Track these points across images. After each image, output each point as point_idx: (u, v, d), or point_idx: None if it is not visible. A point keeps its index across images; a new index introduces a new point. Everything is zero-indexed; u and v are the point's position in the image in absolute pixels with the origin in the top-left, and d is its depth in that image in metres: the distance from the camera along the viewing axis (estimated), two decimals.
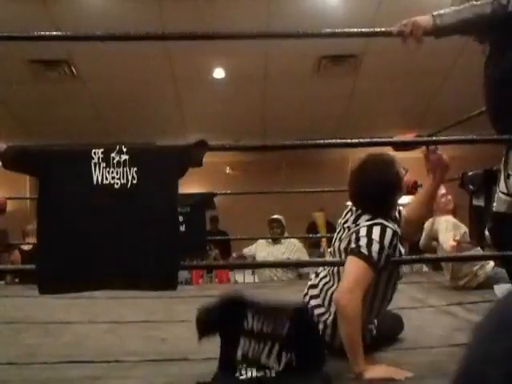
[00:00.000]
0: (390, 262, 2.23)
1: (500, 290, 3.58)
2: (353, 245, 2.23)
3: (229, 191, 7.29)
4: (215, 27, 6.04)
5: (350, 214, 2.43)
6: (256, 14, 6.43)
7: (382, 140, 2.82)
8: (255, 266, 5.49)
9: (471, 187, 3.70)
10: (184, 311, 3.46)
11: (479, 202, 3.61)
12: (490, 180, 3.55)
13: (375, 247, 2.18)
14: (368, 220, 2.30)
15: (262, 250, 5.82)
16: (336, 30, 2.78)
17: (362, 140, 2.75)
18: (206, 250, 5.90)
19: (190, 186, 8.11)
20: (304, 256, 5.70)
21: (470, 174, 3.77)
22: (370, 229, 2.24)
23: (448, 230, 4.34)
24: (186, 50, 7.00)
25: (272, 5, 6.49)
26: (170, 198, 1.95)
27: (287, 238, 5.84)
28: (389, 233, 2.23)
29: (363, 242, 2.20)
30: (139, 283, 1.92)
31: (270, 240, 5.85)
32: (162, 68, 7.78)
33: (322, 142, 2.73)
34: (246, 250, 6.08)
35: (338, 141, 2.83)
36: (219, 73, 8.30)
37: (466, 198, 3.70)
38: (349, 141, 2.78)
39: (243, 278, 7.02)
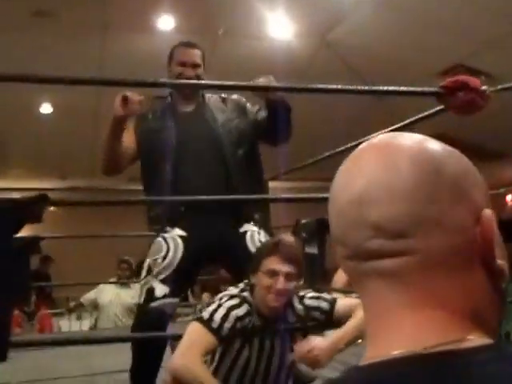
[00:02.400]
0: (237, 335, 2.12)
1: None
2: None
3: (54, 232, 6.86)
4: (41, 60, 5.80)
5: None
6: (89, 50, 6.24)
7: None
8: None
9: (304, 235, 3.86)
10: (4, 372, 3.14)
11: (312, 249, 3.77)
12: (323, 228, 3.74)
13: (219, 313, 2.08)
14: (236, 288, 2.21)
15: (107, 292, 5.52)
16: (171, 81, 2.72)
17: None
18: (30, 297, 5.48)
19: None
20: None
21: (303, 222, 3.93)
22: (229, 298, 2.15)
23: None
24: (9, 82, 6.57)
25: (106, 40, 6.34)
26: (1, 259, 1.75)
27: (134, 282, 5.62)
28: (240, 312, 2.12)
29: (211, 307, 2.12)
30: None
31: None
32: None
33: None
34: (86, 297, 5.72)
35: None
36: (46, 108, 7.90)
37: None
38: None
39: (69, 326, 6.62)
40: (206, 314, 2.08)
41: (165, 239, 2.52)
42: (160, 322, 2.40)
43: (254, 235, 2.58)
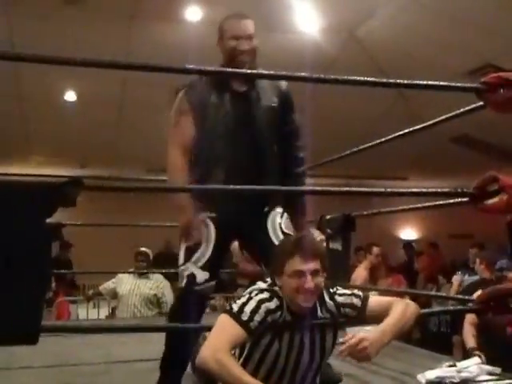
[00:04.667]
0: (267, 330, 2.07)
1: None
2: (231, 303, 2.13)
3: (74, 220, 6.85)
4: (69, 47, 5.80)
5: None
6: (116, 39, 6.23)
7: None
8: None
9: (329, 231, 3.82)
10: (26, 357, 3.18)
11: (336, 245, 3.74)
12: (348, 225, 3.70)
13: (250, 306, 2.04)
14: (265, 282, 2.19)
15: (127, 282, 5.54)
16: (189, 66, 2.65)
17: None
18: (50, 284, 5.53)
19: None
20: (170, 294, 5.48)
21: (328, 217, 3.89)
22: (259, 292, 2.11)
23: None
24: (35, 69, 6.58)
25: (133, 29, 6.32)
26: (35, 242, 1.73)
27: (153, 272, 5.67)
28: (271, 305, 2.08)
29: (241, 300, 2.08)
30: None
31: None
32: (7, 86, 7.22)
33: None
34: (105, 286, 5.73)
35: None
36: (70, 96, 7.92)
37: None
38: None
39: (86, 314, 6.64)
40: (235, 307, 2.04)
41: None
42: (202, 304, 2.55)
43: (275, 216, 2.62)
